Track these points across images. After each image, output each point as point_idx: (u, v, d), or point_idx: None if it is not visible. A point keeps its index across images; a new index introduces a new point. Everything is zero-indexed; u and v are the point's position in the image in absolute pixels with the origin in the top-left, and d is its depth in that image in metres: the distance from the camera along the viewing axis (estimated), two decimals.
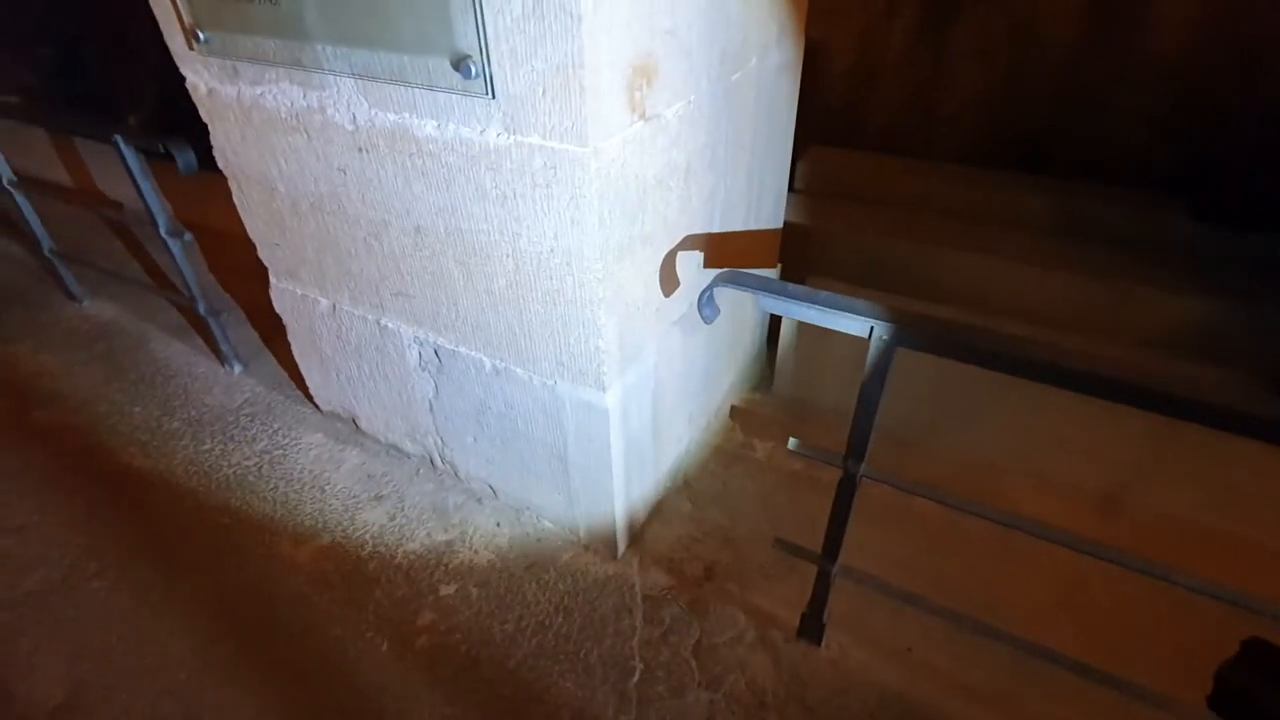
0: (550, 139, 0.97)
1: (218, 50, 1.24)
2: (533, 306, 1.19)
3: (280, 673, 1.30)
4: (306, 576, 1.47)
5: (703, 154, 1.28)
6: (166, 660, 1.32)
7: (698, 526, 1.57)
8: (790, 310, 0.94)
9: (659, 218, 1.20)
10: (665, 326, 1.37)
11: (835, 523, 1.11)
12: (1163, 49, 2.35)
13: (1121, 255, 2.01)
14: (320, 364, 1.73)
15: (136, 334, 2.21)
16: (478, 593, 1.43)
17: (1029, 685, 1.24)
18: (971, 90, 2.77)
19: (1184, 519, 1.53)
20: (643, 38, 0.98)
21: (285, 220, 1.45)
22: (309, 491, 1.66)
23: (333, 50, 1.09)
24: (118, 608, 1.42)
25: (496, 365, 1.34)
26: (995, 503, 1.63)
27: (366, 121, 1.15)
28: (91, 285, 2.38)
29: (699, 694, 1.26)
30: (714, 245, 1.43)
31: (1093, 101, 2.53)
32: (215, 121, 1.39)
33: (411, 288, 1.35)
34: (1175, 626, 1.33)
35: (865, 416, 0.96)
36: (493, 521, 1.58)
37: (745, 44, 1.32)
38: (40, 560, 1.51)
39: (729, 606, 1.40)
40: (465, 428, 1.52)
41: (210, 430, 1.84)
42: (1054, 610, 1.38)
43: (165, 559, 1.51)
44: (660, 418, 1.47)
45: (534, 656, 1.31)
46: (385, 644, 1.34)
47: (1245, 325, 1.74)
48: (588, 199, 1.00)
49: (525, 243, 1.11)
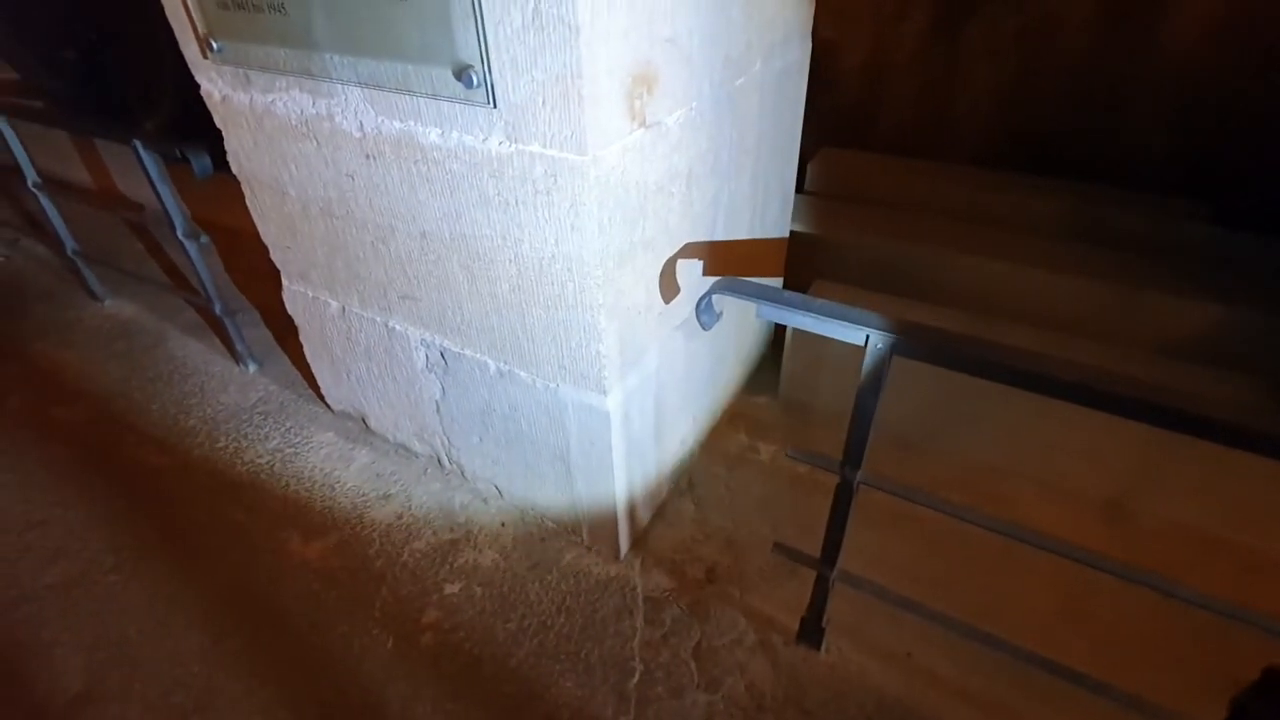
0: (550, 147, 0.99)
1: (230, 59, 1.27)
2: (535, 311, 1.21)
3: (288, 667, 1.33)
4: (315, 573, 1.50)
5: (705, 159, 1.28)
6: (180, 653, 1.36)
7: (700, 529, 1.58)
8: (787, 318, 0.94)
9: (660, 223, 1.21)
10: (668, 331, 1.39)
11: (833, 528, 1.11)
12: (1178, 49, 2.32)
13: (1133, 259, 1.98)
14: (331, 364, 1.77)
15: (155, 333, 2.27)
16: (481, 592, 1.45)
17: (1030, 693, 1.23)
18: (983, 91, 2.74)
19: (1190, 526, 1.51)
20: (642, 47, 0.99)
21: (296, 224, 1.48)
22: (319, 489, 1.70)
23: (340, 60, 1.12)
24: (134, 601, 1.46)
25: (501, 368, 1.36)
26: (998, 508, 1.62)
27: (373, 129, 1.17)
28: (112, 285, 2.44)
29: (698, 696, 1.27)
30: (716, 249, 1.44)
31: (1106, 102, 2.49)
32: (229, 127, 1.42)
33: (418, 291, 1.37)
34: (1178, 637, 1.32)
35: (861, 424, 0.96)
36: (498, 521, 1.60)
37: (749, 49, 1.33)
38: (60, 554, 1.56)
39: (729, 609, 1.41)
40: (471, 429, 1.54)
41: (225, 428, 1.88)
42: (1056, 617, 1.37)
43: (180, 554, 1.55)
44: (663, 421, 1.48)
45: (535, 655, 1.33)
46: (390, 640, 1.37)
47: (1261, 332, 1.72)
48: (588, 206, 1.01)
49: (527, 248, 1.13)
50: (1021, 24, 2.56)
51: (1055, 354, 0.83)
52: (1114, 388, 0.75)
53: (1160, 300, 1.80)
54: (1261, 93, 2.23)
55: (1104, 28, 2.42)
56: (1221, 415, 0.75)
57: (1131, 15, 2.35)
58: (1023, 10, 2.53)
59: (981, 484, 1.64)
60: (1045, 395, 0.80)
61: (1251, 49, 2.20)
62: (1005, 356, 0.82)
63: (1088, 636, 1.33)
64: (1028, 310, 1.88)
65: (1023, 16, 2.54)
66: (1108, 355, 1.69)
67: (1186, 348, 1.77)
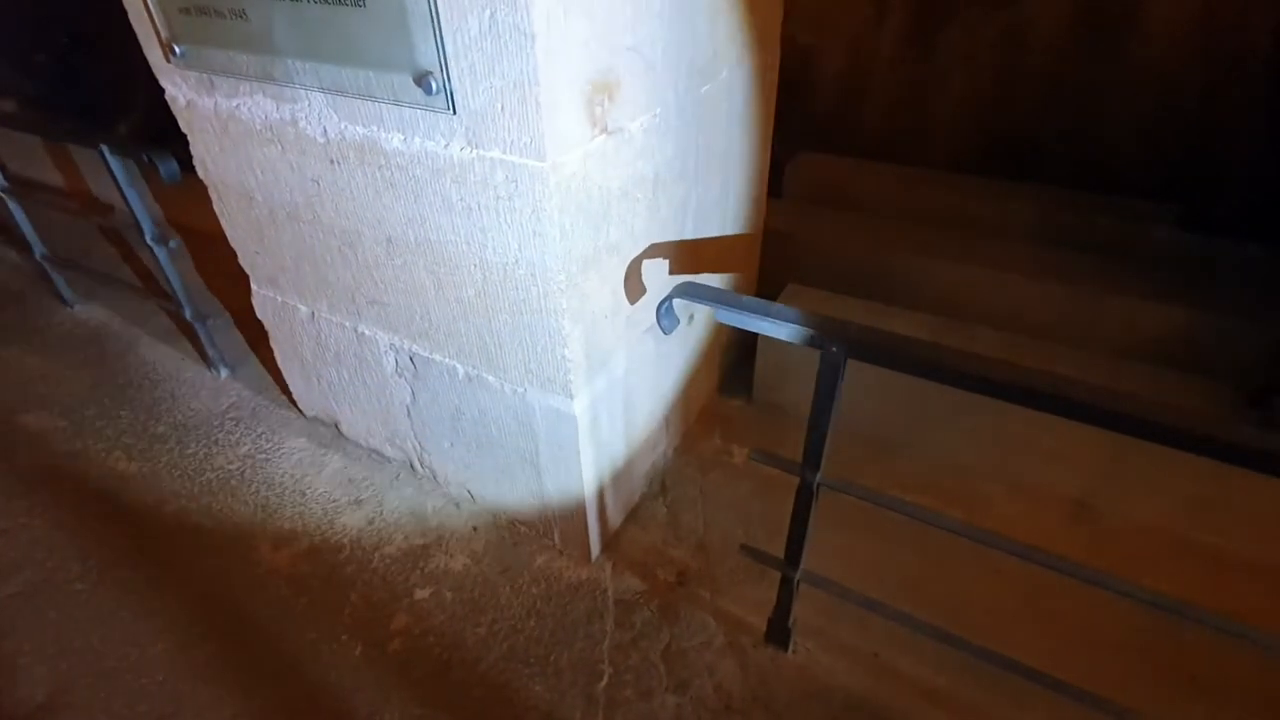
0: (511, 153, 0.99)
1: (194, 63, 1.27)
2: (501, 316, 1.21)
3: (257, 675, 1.32)
4: (285, 579, 1.49)
5: (672, 165, 1.29)
6: (146, 661, 1.35)
7: (672, 532, 1.59)
8: (744, 322, 0.95)
9: (626, 229, 1.21)
10: (637, 335, 1.39)
11: (795, 529, 1.12)
12: (1149, 56, 2.36)
13: (1104, 263, 2.01)
14: (302, 370, 1.76)
15: (126, 338, 2.24)
16: (452, 596, 1.45)
17: (996, 693, 1.25)
18: (960, 96, 2.78)
19: (1154, 526, 1.54)
20: (602, 55, 0.99)
21: (263, 229, 1.47)
22: (290, 496, 1.69)
23: (302, 65, 1.11)
24: (100, 609, 1.44)
25: (469, 372, 1.36)
26: (969, 507, 1.64)
27: (337, 134, 1.17)
28: (83, 290, 2.41)
29: (666, 698, 1.27)
30: (685, 253, 1.45)
31: (1079, 108, 2.53)
32: (194, 132, 1.42)
33: (386, 296, 1.37)
34: (1138, 636, 1.34)
35: (819, 426, 0.97)
36: (469, 526, 1.60)
37: (715, 56, 1.34)
38: (25, 562, 1.54)
39: (699, 611, 1.41)
40: (442, 433, 1.54)
41: (195, 434, 1.87)
42: (1020, 616, 1.39)
43: (147, 562, 1.54)
44: (634, 424, 1.49)
45: (505, 659, 1.33)
46: (359, 647, 1.36)
47: (1224, 335, 1.75)
48: (549, 211, 1.02)
49: (491, 254, 1.13)
50: (997, 30, 2.60)
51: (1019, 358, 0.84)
52: (1064, 391, 0.77)
53: (1127, 304, 1.83)
54: (1230, 98, 2.27)
55: (1077, 34, 2.46)
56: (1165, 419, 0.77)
57: (1104, 22, 2.39)
58: (998, 17, 2.57)
59: (953, 484, 1.66)
60: (994, 398, 0.82)
61: (1220, 56, 2.24)
62: (956, 360, 0.83)
63: (1051, 636, 1.35)
64: (999, 314, 1.91)
65: (998, 23, 2.58)
66: (1074, 358, 1.72)
67: (1152, 351, 1.80)
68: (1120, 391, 0.77)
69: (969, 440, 1.66)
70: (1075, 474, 1.59)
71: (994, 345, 1.76)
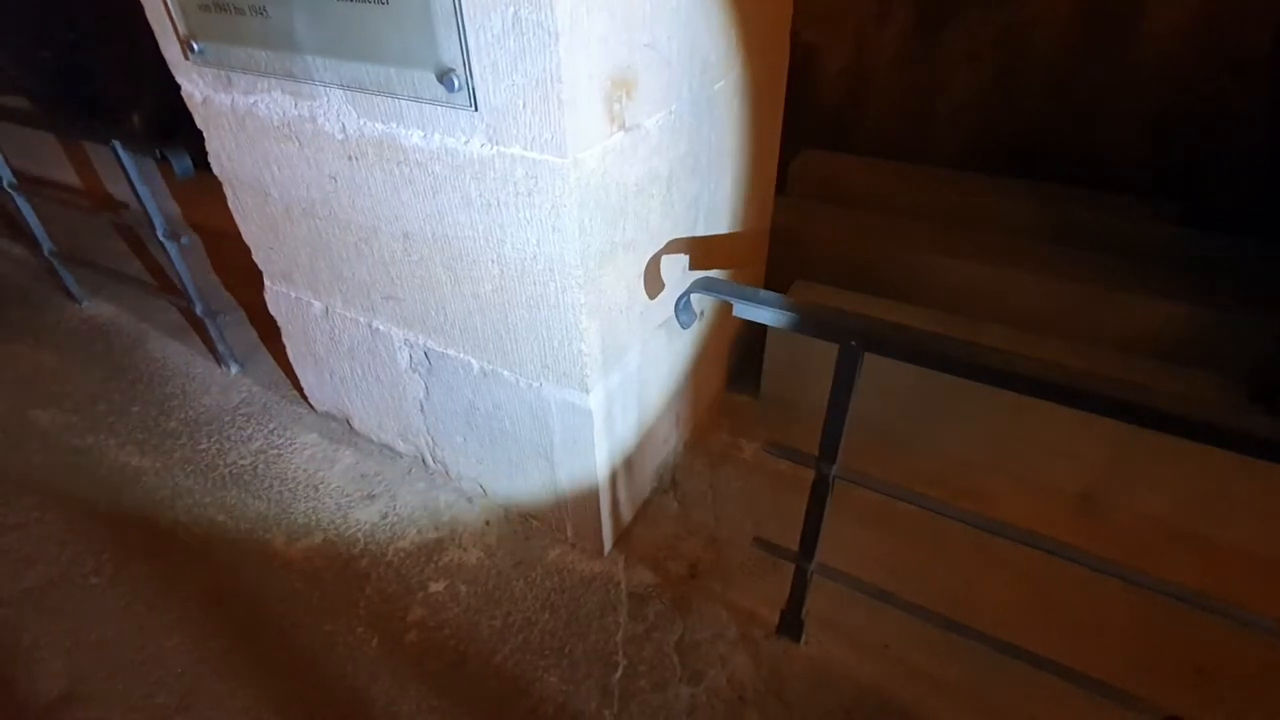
0: (531, 150, 1.01)
1: (212, 60, 1.28)
2: (517, 311, 1.22)
3: (272, 667, 1.34)
4: (299, 573, 1.50)
5: (685, 161, 1.30)
6: (162, 654, 1.36)
7: (684, 525, 1.60)
8: (762, 316, 0.97)
9: (641, 224, 1.23)
10: (650, 330, 1.41)
11: (810, 521, 1.14)
12: (1152, 54, 2.38)
13: (1107, 259, 2.03)
14: (314, 365, 1.77)
15: (135, 334, 2.25)
16: (466, 589, 1.46)
17: (1005, 682, 1.27)
18: (963, 93, 2.79)
19: (1159, 519, 1.56)
20: (621, 52, 1.01)
21: (279, 225, 1.48)
22: (303, 490, 1.70)
23: (322, 62, 1.12)
24: (114, 604, 1.45)
25: (484, 367, 1.37)
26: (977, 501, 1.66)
27: (356, 131, 1.18)
28: (92, 286, 2.42)
29: (680, 689, 1.29)
30: (697, 250, 1.46)
31: (1082, 106, 2.55)
32: (210, 128, 1.42)
33: (401, 291, 1.38)
34: (1145, 626, 1.36)
35: (835, 419, 0.99)
36: (482, 520, 1.61)
37: (728, 53, 1.35)
38: (40, 557, 1.54)
39: (712, 604, 1.43)
40: (455, 428, 1.55)
41: (207, 430, 1.88)
42: (1029, 608, 1.40)
43: (161, 556, 1.55)
44: (646, 419, 1.50)
45: (520, 652, 1.35)
46: (375, 639, 1.37)
47: (1227, 330, 1.77)
48: (568, 207, 1.03)
49: (509, 249, 1.15)
50: (1000, 28, 2.61)
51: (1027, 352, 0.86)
52: (1078, 381, 0.78)
53: (1130, 300, 1.85)
54: (1232, 96, 2.29)
55: (1080, 32, 2.47)
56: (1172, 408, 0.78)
57: (1107, 20, 2.41)
58: (1001, 15, 2.58)
59: (960, 478, 1.68)
60: (1004, 389, 0.83)
61: (1222, 53, 2.26)
62: (967, 353, 0.85)
63: (1059, 626, 1.37)
64: (1003, 310, 1.92)
65: (1001, 21, 2.60)
66: (1077, 354, 1.73)
67: (1154, 347, 1.82)
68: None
69: (973, 435, 1.68)
70: (1080, 469, 1.61)
71: (999, 341, 1.75)
